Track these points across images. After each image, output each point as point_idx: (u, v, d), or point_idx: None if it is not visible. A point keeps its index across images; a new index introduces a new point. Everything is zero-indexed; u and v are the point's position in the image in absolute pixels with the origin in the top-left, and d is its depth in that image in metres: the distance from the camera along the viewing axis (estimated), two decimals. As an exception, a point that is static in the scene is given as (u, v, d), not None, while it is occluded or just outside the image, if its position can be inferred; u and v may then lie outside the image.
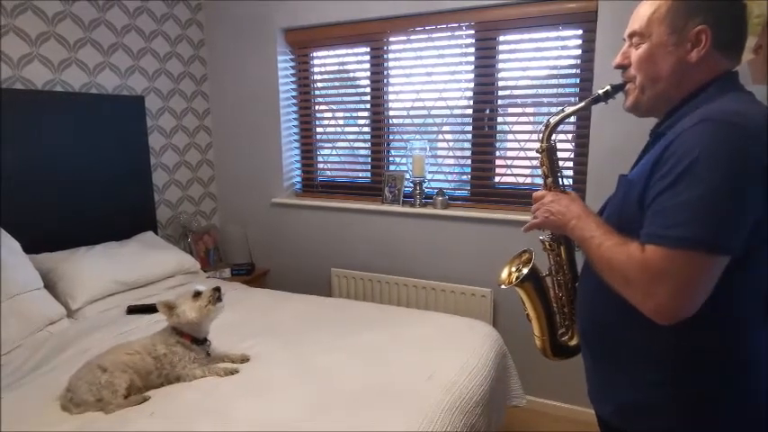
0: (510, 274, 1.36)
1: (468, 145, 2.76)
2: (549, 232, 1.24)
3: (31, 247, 2.25)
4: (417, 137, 2.88)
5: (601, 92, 1.12)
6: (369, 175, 3.09)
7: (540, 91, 2.54)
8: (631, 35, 1.05)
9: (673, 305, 0.87)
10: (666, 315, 0.88)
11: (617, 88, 1.10)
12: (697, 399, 0.97)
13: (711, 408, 0.97)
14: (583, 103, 1.17)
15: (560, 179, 1.23)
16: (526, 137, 2.60)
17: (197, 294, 1.77)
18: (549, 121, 1.23)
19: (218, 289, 1.79)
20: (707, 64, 0.98)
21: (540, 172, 1.27)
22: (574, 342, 1.30)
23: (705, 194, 0.84)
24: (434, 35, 2.70)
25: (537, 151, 1.24)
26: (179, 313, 1.73)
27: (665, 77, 1.00)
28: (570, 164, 2.51)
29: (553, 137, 1.24)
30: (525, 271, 1.29)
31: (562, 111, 1.21)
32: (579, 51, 2.41)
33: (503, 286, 1.34)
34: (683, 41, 0.97)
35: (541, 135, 1.23)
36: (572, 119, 2.47)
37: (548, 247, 1.29)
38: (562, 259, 1.27)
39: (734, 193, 0.83)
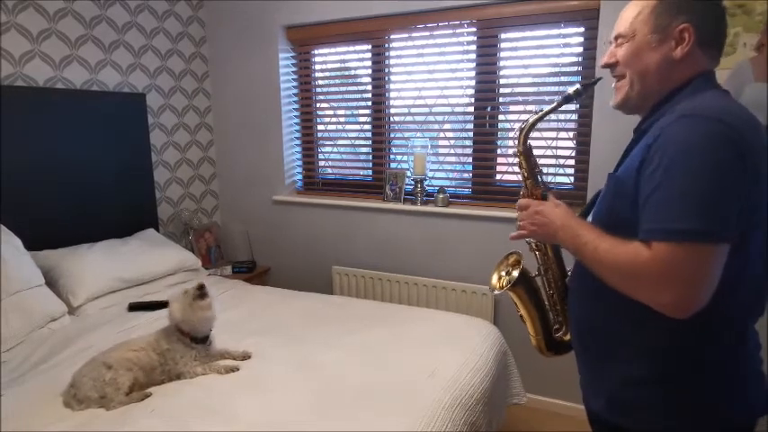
0: (500, 278, 1.36)
1: (469, 143, 2.76)
2: (526, 181, 1.27)
3: (32, 244, 2.25)
4: (419, 134, 2.88)
5: (571, 91, 1.15)
6: (370, 172, 3.09)
7: (542, 89, 2.53)
8: (617, 37, 1.09)
9: (688, 298, 0.87)
10: (683, 309, 0.88)
11: (587, 87, 1.15)
12: (686, 397, 0.98)
13: (701, 407, 0.98)
14: (555, 104, 1.20)
15: (539, 177, 1.26)
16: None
17: (185, 293, 1.75)
18: (523, 124, 1.25)
19: (201, 287, 1.75)
20: (691, 61, 1.01)
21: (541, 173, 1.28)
22: (569, 337, 1.30)
23: (697, 186, 0.86)
24: (436, 33, 2.69)
25: (514, 155, 1.27)
26: (173, 309, 1.74)
27: (652, 72, 1.03)
28: (572, 162, 2.51)
29: (535, 136, 1.26)
30: (515, 274, 1.29)
31: (535, 113, 1.23)
32: (581, 49, 2.40)
33: (495, 292, 1.35)
34: (667, 39, 1.01)
35: (517, 139, 1.26)
36: (573, 117, 2.48)
37: (534, 246, 1.30)
38: (549, 258, 1.29)
39: (721, 182, 0.86)
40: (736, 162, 0.86)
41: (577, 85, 1.14)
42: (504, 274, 1.36)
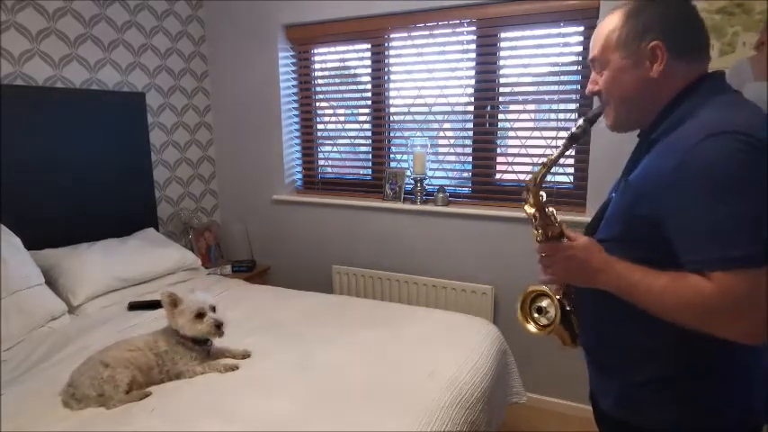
0: (534, 321, 1.26)
1: (469, 142, 2.76)
2: (539, 228, 1.13)
3: (32, 244, 2.25)
4: (418, 134, 2.88)
5: (576, 130, 1.06)
6: (370, 172, 3.09)
7: (542, 88, 2.53)
8: (592, 61, 1.08)
9: (762, 324, 0.84)
10: (759, 335, 0.86)
11: (591, 121, 1.07)
12: (697, 397, 0.98)
13: (712, 407, 0.98)
14: (561, 147, 1.09)
15: (554, 218, 1.10)
16: (527, 134, 2.59)
17: (199, 315, 1.74)
18: (534, 178, 1.08)
19: (219, 326, 1.76)
20: (673, 74, 0.98)
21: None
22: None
23: (748, 208, 0.83)
24: (435, 32, 2.69)
25: (531, 214, 1.10)
26: (178, 325, 1.74)
27: (633, 96, 1.02)
28: (571, 161, 2.51)
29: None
30: (552, 312, 1.20)
31: (543, 164, 1.09)
32: (581, 48, 2.40)
33: (540, 334, 1.25)
34: (641, 60, 0.99)
35: (530, 194, 1.09)
36: (573, 117, 2.48)
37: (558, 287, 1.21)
38: None
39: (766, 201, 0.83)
40: None
41: (580, 122, 1.06)
42: (536, 315, 1.25)
